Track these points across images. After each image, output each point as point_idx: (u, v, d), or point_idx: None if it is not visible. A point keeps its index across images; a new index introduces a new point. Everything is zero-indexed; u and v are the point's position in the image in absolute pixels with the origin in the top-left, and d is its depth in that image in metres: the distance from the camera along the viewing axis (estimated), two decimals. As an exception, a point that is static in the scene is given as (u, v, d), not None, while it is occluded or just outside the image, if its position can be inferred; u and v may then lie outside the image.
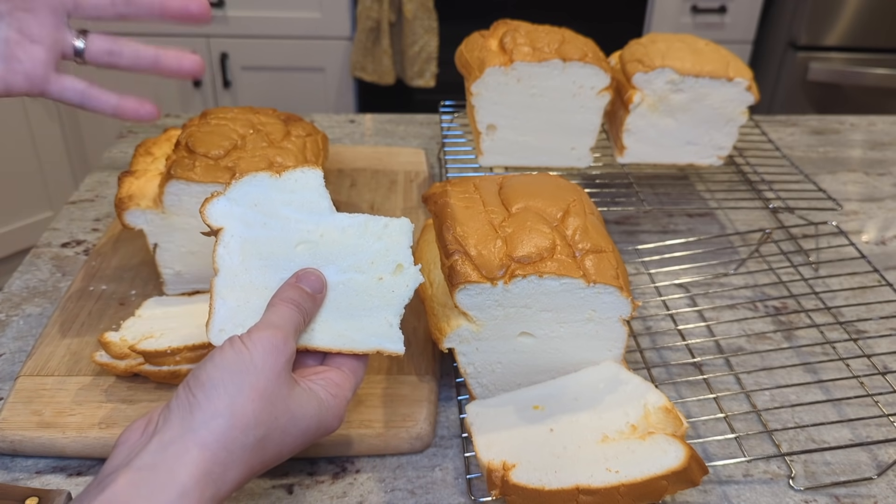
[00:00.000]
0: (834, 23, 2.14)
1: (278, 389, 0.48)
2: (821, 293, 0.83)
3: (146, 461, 0.44)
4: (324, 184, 0.57)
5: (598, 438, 0.60)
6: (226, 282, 0.55)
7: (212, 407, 0.45)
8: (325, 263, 0.56)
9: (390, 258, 0.57)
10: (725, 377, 0.75)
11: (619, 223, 1.03)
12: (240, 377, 0.47)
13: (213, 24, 2.13)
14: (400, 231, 0.57)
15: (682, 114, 0.96)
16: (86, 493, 0.43)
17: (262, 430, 0.47)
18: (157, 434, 0.45)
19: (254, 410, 0.46)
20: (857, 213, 1.07)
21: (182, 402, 0.46)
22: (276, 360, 0.49)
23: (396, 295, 0.57)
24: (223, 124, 0.79)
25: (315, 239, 0.56)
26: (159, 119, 0.56)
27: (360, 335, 0.56)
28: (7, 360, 0.75)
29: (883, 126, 1.34)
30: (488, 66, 0.90)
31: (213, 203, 0.56)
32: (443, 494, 0.63)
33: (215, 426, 0.45)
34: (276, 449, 0.49)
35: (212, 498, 0.45)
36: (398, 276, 0.57)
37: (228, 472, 0.45)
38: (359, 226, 0.57)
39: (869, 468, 0.67)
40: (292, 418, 0.49)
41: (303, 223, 0.56)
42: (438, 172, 1.11)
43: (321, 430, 0.51)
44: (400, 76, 2.19)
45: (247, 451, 0.46)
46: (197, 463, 0.44)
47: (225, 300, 0.55)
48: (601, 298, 0.63)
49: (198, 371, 0.48)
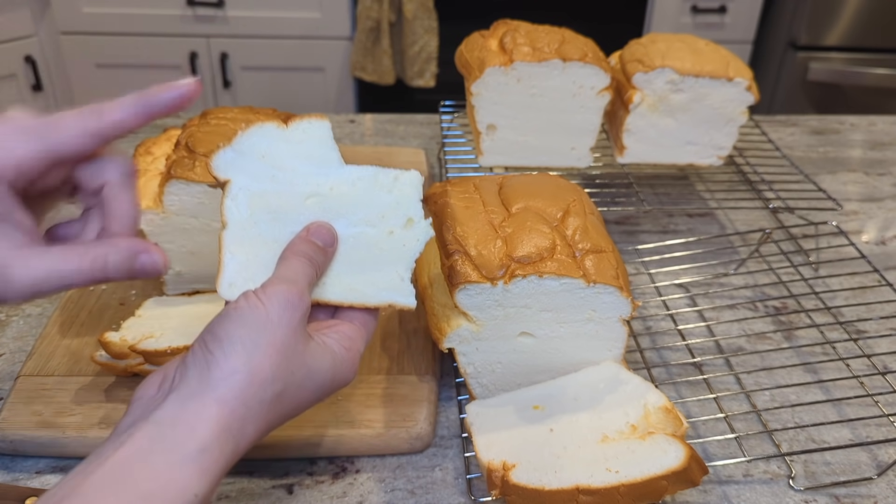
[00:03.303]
0: (834, 23, 2.14)
1: (295, 345, 0.48)
2: (821, 293, 0.83)
3: (164, 416, 0.43)
4: (332, 135, 0.57)
5: (598, 438, 0.60)
6: (234, 236, 0.54)
7: (229, 363, 0.45)
8: (335, 217, 0.55)
9: (401, 212, 0.56)
10: (725, 377, 0.75)
11: (619, 223, 1.03)
12: (256, 333, 0.46)
13: (213, 24, 2.13)
14: (410, 184, 0.56)
15: (682, 114, 0.96)
16: (102, 448, 0.43)
17: (280, 385, 0.47)
18: (175, 390, 0.45)
19: (271, 366, 0.46)
20: (857, 213, 1.07)
21: (199, 359, 0.46)
22: (293, 315, 0.48)
23: (407, 249, 0.56)
24: (223, 124, 0.79)
25: (325, 192, 0.55)
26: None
27: (371, 289, 0.55)
28: (7, 360, 0.75)
29: (883, 126, 1.34)
30: (488, 66, 0.90)
31: (219, 154, 0.55)
32: (443, 494, 0.63)
33: (233, 382, 0.45)
34: (293, 403, 0.49)
35: (231, 452, 0.44)
36: (409, 230, 0.56)
37: (247, 426, 0.45)
38: (369, 178, 0.56)
39: (869, 468, 0.67)
40: (309, 373, 0.49)
41: (312, 176, 0.55)
42: (438, 172, 1.11)
43: (335, 383, 0.51)
44: (400, 76, 2.19)
45: (265, 405, 0.46)
46: (216, 419, 0.44)
47: (234, 254, 0.54)
48: (601, 298, 0.63)
49: (213, 326, 0.47)
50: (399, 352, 0.74)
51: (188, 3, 2.09)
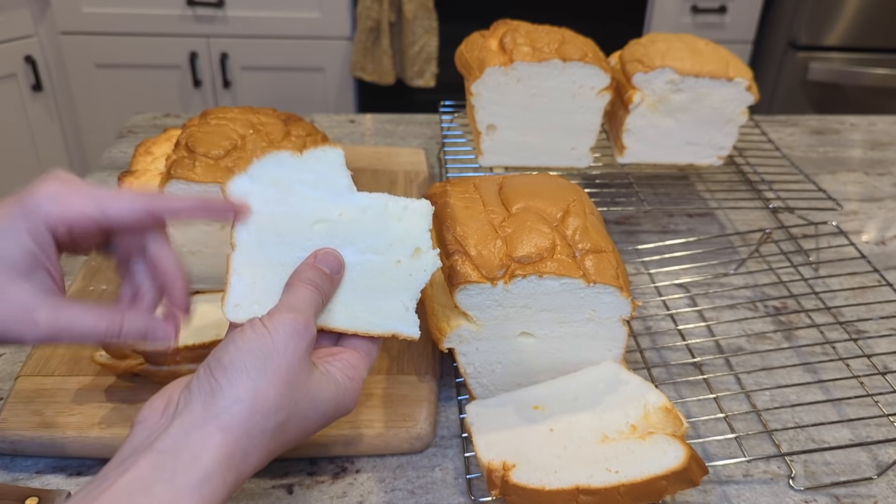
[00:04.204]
0: (834, 23, 2.14)
1: (299, 374, 0.48)
2: (821, 293, 0.83)
3: (168, 444, 0.43)
4: (344, 163, 0.57)
5: (598, 438, 0.60)
6: (242, 258, 0.55)
7: (234, 391, 0.45)
8: (342, 243, 0.56)
9: (409, 241, 0.56)
10: (725, 377, 0.75)
11: (619, 223, 1.03)
12: (262, 361, 0.46)
13: (213, 24, 2.13)
14: (419, 213, 0.57)
15: (682, 114, 0.96)
16: (105, 474, 0.43)
17: (284, 416, 0.47)
18: (179, 417, 0.45)
19: (276, 396, 0.46)
20: (857, 213, 1.07)
21: (203, 385, 0.46)
22: (298, 344, 0.48)
23: (414, 279, 0.56)
24: (223, 124, 0.79)
25: (333, 218, 0.56)
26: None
27: (375, 318, 0.55)
28: (7, 360, 0.75)
29: (883, 126, 1.34)
30: (488, 66, 0.90)
31: (235, 181, 0.56)
32: (443, 494, 0.63)
33: (237, 411, 0.45)
34: (295, 433, 0.49)
35: (234, 481, 0.45)
36: (416, 260, 0.56)
37: (250, 456, 0.45)
38: (378, 206, 0.56)
39: (869, 468, 0.67)
40: (312, 402, 0.49)
41: (321, 201, 0.56)
42: (438, 172, 1.11)
43: (338, 411, 0.51)
44: (400, 76, 2.19)
45: (268, 435, 0.46)
46: (219, 448, 0.44)
47: (241, 276, 0.54)
48: (601, 298, 0.63)
49: (219, 353, 0.47)
50: (399, 352, 0.74)
51: (188, 3, 2.09)
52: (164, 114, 1.28)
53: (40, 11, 2.08)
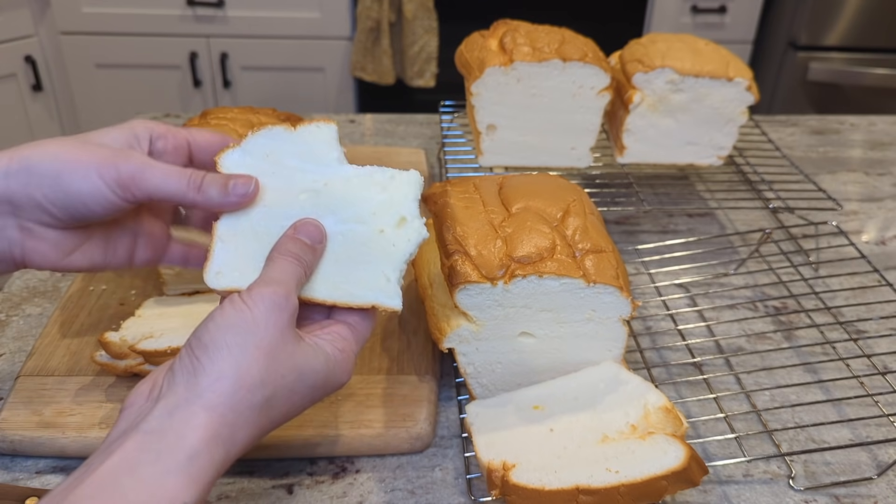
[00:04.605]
0: (834, 23, 2.14)
1: (283, 347, 0.47)
2: (821, 293, 0.83)
3: (153, 425, 0.43)
4: (337, 137, 0.57)
5: (598, 438, 0.60)
6: (227, 226, 0.55)
7: (216, 369, 0.45)
8: (326, 213, 0.55)
9: (394, 210, 0.55)
10: (725, 377, 0.75)
11: (619, 223, 1.03)
12: (243, 337, 0.46)
13: (213, 24, 2.13)
14: (407, 183, 0.56)
15: (682, 114, 0.96)
16: (91, 460, 0.43)
17: (270, 390, 0.46)
18: (163, 398, 0.45)
19: (259, 370, 0.46)
20: (857, 213, 1.07)
21: (186, 365, 0.46)
22: (279, 317, 0.48)
23: (397, 249, 0.54)
24: (223, 124, 0.79)
25: (318, 188, 0.55)
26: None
27: (356, 288, 0.54)
28: (7, 360, 0.75)
29: (883, 126, 1.34)
30: (488, 66, 0.90)
31: (227, 153, 0.56)
32: (443, 494, 0.63)
33: (221, 388, 0.45)
34: (284, 406, 0.48)
35: (222, 459, 0.44)
36: (400, 230, 0.55)
37: (237, 432, 0.45)
38: (364, 176, 0.56)
39: (869, 468, 0.67)
40: (300, 375, 0.48)
41: (309, 172, 0.56)
42: (438, 172, 1.11)
43: (328, 385, 0.51)
44: (400, 76, 2.19)
45: (254, 410, 0.46)
46: (205, 425, 0.43)
47: (225, 243, 0.54)
48: (601, 298, 0.63)
49: (199, 332, 0.47)
50: (399, 352, 0.74)
51: (188, 3, 2.09)
52: (164, 114, 1.28)
53: (40, 11, 2.08)
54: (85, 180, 0.51)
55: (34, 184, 0.51)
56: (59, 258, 0.54)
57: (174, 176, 0.52)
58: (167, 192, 0.52)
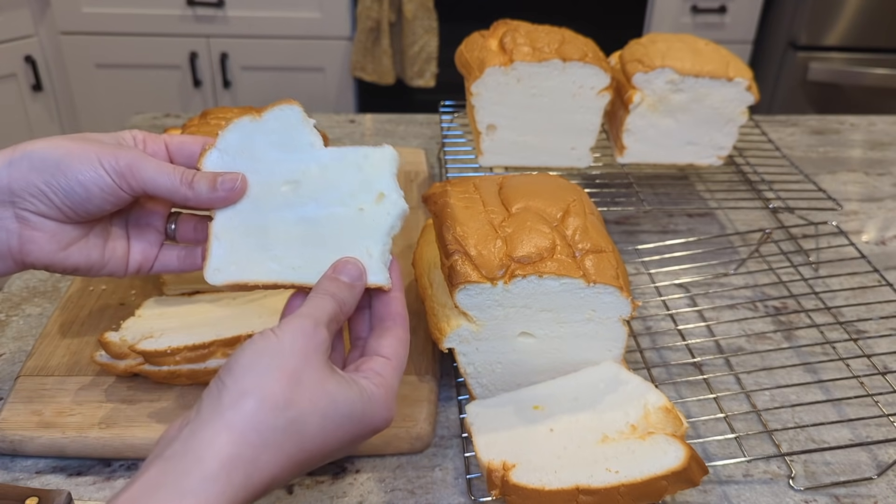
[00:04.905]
0: (834, 23, 2.14)
1: (310, 372, 0.47)
2: (821, 293, 0.83)
3: (176, 449, 0.43)
4: (303, 118, 0.57)
5: (598, 438, 0.60)
6: (221, 224, 0.56)
7: (238, 388, 0.45)
8: (307, 200, 0.56)
9: (371, 187, 0.56)
10: (725, 377, 0.75)
11: (619, 223, 1.03)
12: (268, 360, 0.46)
13: (213, 24, 2.13)
14: (382, 159, 0.57)
15: (682, 114, 0.96)
16: (121, 490, 0.43)
17: (294, 412, 0.45)
18: (190, 423, 0.45)
19: (282, 389, 0.45)
20: (857, 213, 1.07)
21: (211, 390, 0.46)
22: (306, 343, 0.48)
23: (377, 224, 0.55)
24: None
25: (298, 177, 0.56)
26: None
27: None
28: (7, 360, 0.75)
29: (883, 126, 1.34)
30: (488, 66, 0.90)
31: (207, 156, 0.57)
32: (443, 494, 0.63)
33: (243, 406, 0.44)
34: (318, 436, 0.47)
35: (242, 484, 0.43)
36: (379, 205, 0.55)
37: (261, 455, 0.44)
38: (339, 159, 0.57)
39: (869, 468, 0.67)
40: (332, 402, 0.47)
41: (286, 162, 0.57)
42: (438, 172, 1.11)
43: (367, 419, 0.49)
44: (400, 76, 2.19)
45: (279, 432, 0.45)
46: (224, 446, 0.43)
47: (220, 241, 0.56)
48: (601, 298, 0.63)
49: (229, 361, 0.47)
50: (399, 352, 0.74)
51: (188, 3, 2.09)
52: (164, 114, 1.28)
53: (40, 11, 2.08)
54: (87, 165, 0.53)
55: (36, 171, 0.52)
56: (56, 250, 0.55)
57: (167, 171, 0.55)
58: (161, 185, 0.55)
